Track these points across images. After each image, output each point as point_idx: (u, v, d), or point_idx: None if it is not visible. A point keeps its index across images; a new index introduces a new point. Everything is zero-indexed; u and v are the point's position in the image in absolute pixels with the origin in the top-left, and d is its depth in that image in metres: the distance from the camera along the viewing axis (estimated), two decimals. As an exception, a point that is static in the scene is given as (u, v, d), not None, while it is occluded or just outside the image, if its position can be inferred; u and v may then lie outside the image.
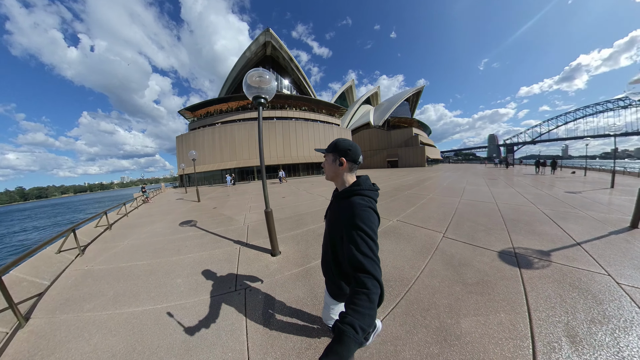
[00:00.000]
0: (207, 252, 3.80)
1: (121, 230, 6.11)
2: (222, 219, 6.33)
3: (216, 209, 8.08)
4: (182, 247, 4.21)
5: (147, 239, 4.86)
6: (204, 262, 3.39)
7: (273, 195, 10.31)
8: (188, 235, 4.95)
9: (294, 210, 6.76)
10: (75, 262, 3.84)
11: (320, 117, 33.64)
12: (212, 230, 5.17)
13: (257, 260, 3.29)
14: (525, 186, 9.09)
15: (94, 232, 5.76)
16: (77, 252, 4.21)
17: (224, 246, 4.04)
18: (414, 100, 61.35)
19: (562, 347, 1.46)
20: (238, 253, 3.63)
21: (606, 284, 2.12)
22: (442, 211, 5.34)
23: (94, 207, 54.07)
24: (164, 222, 6.55)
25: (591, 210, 4.90)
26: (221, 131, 26.77)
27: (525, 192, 7.46)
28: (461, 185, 9.90)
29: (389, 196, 7.86)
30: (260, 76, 3.05)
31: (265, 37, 36.11)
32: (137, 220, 7.39)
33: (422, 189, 9.55)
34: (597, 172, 15.43)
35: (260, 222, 5.51)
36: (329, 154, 1.12)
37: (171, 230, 5.44)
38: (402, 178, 15.57)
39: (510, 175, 14.98)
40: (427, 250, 3.16)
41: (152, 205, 11.49)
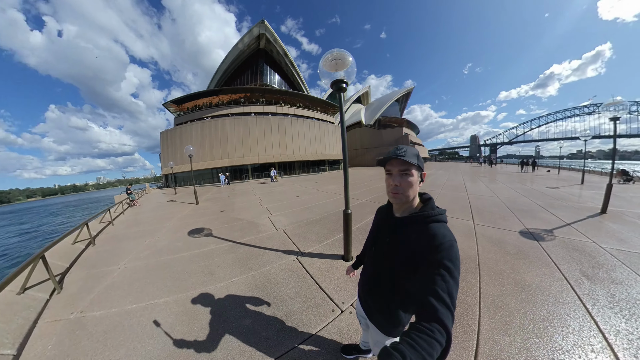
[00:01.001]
0: (258, 271, 2.87)
1: (109, 244, 4.79)
2: (243, 224, 5.23)
3: (225, 212, 6.88)
4: (213, 267, 3.15)
5: (153, 259, 3.66)
6: (265, 286, 2.53)
7: (282, 195, 9.26)
8: (210, 249, 3.84)
9: (323, 209, 6.22)
10: (52, 307, 2.61)
11: (315, 114, 32.54)
12: (240, 240, 4.13)
13: (331, 269, 2.81)
14: (513, 183, 10.18)
15: (71, 251, 4.40)
16: (53, 287, 2.96)
17: (275, 259, 3.20)
18: (404, 101, 62.47)
19: (583, 281, 2.32)
20: (301, 266, 2.94)
21: (594, 247, 3.13)
22: (460, 204, 5.97)
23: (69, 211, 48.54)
24: (165, 231, 5.29)
25: (570, 201, 6.08)
26: (211, 126, 24.75)
27: (516, 188, 8.44)
28: (460, 183, 10.36)
29: None
30: (336, 58, 2.52)
31: (259, 29, 34.13)
32: (128, 229, 6.01)
33: (429, 185, 10.01)
34: (567, 171, 17.64)
35: (298, 225, 4.76)
36: (414, 166, 0.80)
37: (183, 243, 4.25)
38: None
39: (497, 173, 15.80)
40: (470, 234, 3.75)
41: (140, 209, 9.89)
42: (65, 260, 3.97)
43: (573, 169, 19.07)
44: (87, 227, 4.92)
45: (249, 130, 25.14)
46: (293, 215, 5.84)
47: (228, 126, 24.74)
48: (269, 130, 25.93)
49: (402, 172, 0.80)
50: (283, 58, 38.71)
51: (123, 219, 7.83)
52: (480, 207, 5.57)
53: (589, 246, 3.16)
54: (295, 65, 39.58)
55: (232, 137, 24.64)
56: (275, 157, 25.51)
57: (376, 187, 10.39)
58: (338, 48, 2.54)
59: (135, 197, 11.99)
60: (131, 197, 11.77)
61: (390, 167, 0.82)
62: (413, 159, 0.79)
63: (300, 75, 40.43)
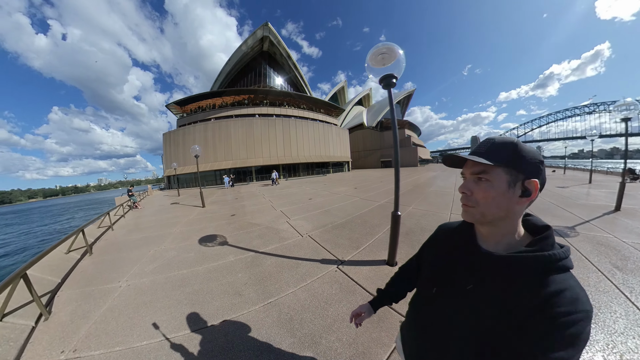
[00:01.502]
0: (299, 287, 2.38)
1: (108, 254, 4.17)
2: (261, 230, 4.62)
3: (236, 216, 6.25)
4: (239, 285, 2.55)
5: (161, 274, 3.04)
6: (313, 306, 2.06)
7: (294, 197, 8.66)
8: (230, 261, 3.23)
9: (343, 212, 5.70)
10: (37, 341, 2.00)
11: (319, 116, 32.13)
12: (264, 249, 3.54)
13: (380, 277, 2.51)
14: None
15: (64, 262, 3.79)
16: (38, 314, 2.35)
17: (313, 271, 2.73)
18: (405, 103, 62.55)
19: (616, 272, 2.39)
20: (346, 276, 2.54)
21: (617, 242, 3.18)
22: None
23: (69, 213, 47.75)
24: (172, 238, 4.66)
25: (583, 199, 6.12)
26: (215, 128, 24.25)
27: None
28: (394, 189, 10.04)
29: (419, 193, 8.08)
30: (383, 52, 2.37)
31: (263, 31, 33.95)
32: (129, 235, 5.39)
33: (442, 187, 9.73)
34: (571, 171, 17.75)
35: (324, 230, 4.29)
36: (499, 167, 0.51)
37: (195, 254, 3.63)
38: (409, 177, 15.46)
39: None
40: None
41: (142, 212, 9.27)
42: (57, 274, 3.35)
43: (577, 168, 19.32)
44: (83, 233, 4.31)
45: (253, 131, 24.64)
46: (313, 219, 5.31)
47: (232, 128, 24.24)
48: (273, 131, 25.44)
49: (475, 175, 0.53)
50: (286, 60, 38.50)
51: (124, 223, 7.21)
52: None
53: (612, 241, 3.22)
54: (298, 68, 39.36)
55: (236, 138, 24.13)
56: (279, 159, 24.96)
57: (391, 188, 9.86)
58: (384, 42, 2.39)
59: (137, 200, 11.38)
60: (133, 199, 11.16)
61: (465, 169, 0.57)
62: (496, 156, 0.50)
63: (303, 77, 40.19)
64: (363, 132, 49.65)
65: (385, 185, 11.25)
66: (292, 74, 39.62)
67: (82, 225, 4.41)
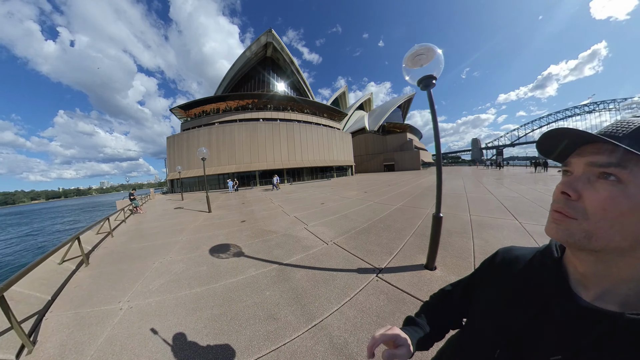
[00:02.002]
0: (344, 304, 2.05)
1: (107, 265, 3.68)
2: (278, 238, 4.15)
3: (247, 222, 5.77)
4: (270, 305, 2.10)
5: (171, 292, 2.54)
6: (365, 323, 1.79)
7: (304, 202, 8.18)
8: (251, 276, 2.75)
9: (362, 217, 5.39)
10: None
11: (322, 120, 31.97)
12: (288, 260, 3.10)
13: (425, 282, 2.30)
14: (536, 184, 9.75)
15: (57, 275, 3.30)
16: (20, 345, 1.86)
17: (352, 282, 2.42)
18: (405, 107, 62.78)
19: None
20: (390, 285, 2.29)
21: None
22: (493, 206, 5.62)
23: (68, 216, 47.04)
24: (179, 247, 4.17)
25: None
26: (219, 132, 23.98)
27: (540, 190, 7.98)
28: (486, 187, 9.56)
29: (432, 196, 7.87)
30: (421, 54, 2.26)
31: (267, 37, 34.21)
32: (130, 243, 4.89)
33: (452, 188, 9.54)
34: None
35: (349, 236, 3.94)
36: None
37: (207, 268, 3.12)
38: (415, 180, 15.23)
39: (511, 175, 15.41)
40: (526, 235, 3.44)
41: (144, 217, 8.78)
42: (47, 289, 2.86)
43: None
44: (79, 241, 3.83)
45: (257, 136, 24.36)
46: (333, 224, 4.88)
47: (236, 132, 23.98)
48: (277, 136, 25.16)
49: (597, 169, 0.33)
50: (289, 66, 38.69)
51: (124, 229, 6.72)
52: (527, 207, 5.25)
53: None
54: (301, 73, 39.53)
55: (239, 142, 23.83)
56: (283, 164, 24.57)
57: (403, 192, 9.62)
58: (421, 43, 2.30)
59: (139, 204, 10.91)
60: (134, 203, 10.69)
61: (575, 158, 0.37)
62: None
63: (306, 83, 40.32)
64: (365, 136, 49.57)
65: (395, 188, 10.87)
66: (294, 78, 39.77)
67: (78, 232, 3.93)
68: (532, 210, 4.95)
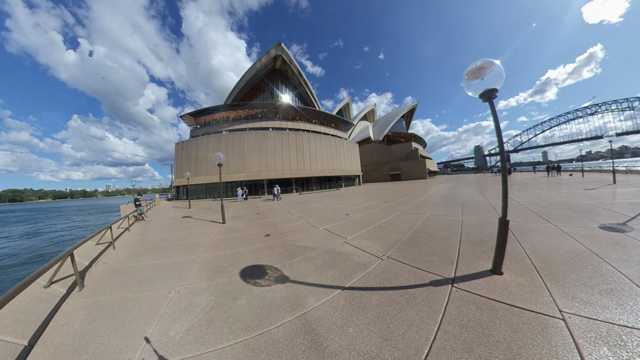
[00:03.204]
0: (448, 323, 1.72)
1: (106, 293, 2.83)
2: (321, 256, 3.36)
3: (272, 236, 4.91)
4: (362, 345, 1.37)
5: (205, 346, 1.66)
6: (485, 335, 1.74)
7: (326, 213, 7.32)
8: (315, 308, 1.96)
9: (400, 228, 4.99)
10: None
11: (330, 130, 31.71)
12: (350, 284, 2.52)
13: (500, 287, 2.22)
14: (551, 188, 9.89)
15: (39, 306, 2.47)
16: None
17: (436, 297, 2.21)
18: (409, 117, 63.12)
19: None
20: (472, 294, 2.10)
21: None
22: (519, 210, 5.67)
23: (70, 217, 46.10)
24: (199, 269, 3.31)
25: (619, 198, 6.24)
26: (228, 140, 23.60)
27: (559, 193, 8.15)
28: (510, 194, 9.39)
29: (455, 204, 7.69)
30: (481, 68, 2.32)
31: (276, 50, 34.91)
32: (136, 259, 4.05)
33: (471, 196, 9.47)
34: (588, 173, 17.83)
35: (399, 249, 3.57)
36: None
37: (248, 302, 2.25)
38: (428, 189, 14.83)
39: (525, 180, 15.16)
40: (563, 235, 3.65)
41: (150, 225, 7.95)
42: (23, 328, 2.02)
43: (594, 170, 19.28)
44: (72, 258, 3.01)
45: (266, 144, 23.91)
46: (373, 237, 4.30)
47: (245, 140, 23.58)
48: (286, 145, 24.70)
49: None
50: (297, 77, 39.22)
51: (128, 238, 5.89)
52: (547, 212, 5.34)
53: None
54: (308, 84, 39.98)
55: (249, 151, 23.35)
56: (292, 173, 23.88)
57: (423, 201, 9.17)
58: (482, 58, 2.38)
59: (144, 210, 10.12)
60: (140, 209, 9.91)
61: None
62: None
63: (313, 93, 40.68)
64: (370, 146, 49.34)
65: (412, 198, 10.39)
66: (302, 89, 40.18)
67: (72, 246, 3.12)
68: (561, 213, 5.10)
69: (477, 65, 2.34)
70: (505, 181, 2.49)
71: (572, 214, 4.97)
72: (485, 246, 3.35)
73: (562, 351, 1.41)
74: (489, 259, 2.77)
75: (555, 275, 2.35)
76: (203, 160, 23.20)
